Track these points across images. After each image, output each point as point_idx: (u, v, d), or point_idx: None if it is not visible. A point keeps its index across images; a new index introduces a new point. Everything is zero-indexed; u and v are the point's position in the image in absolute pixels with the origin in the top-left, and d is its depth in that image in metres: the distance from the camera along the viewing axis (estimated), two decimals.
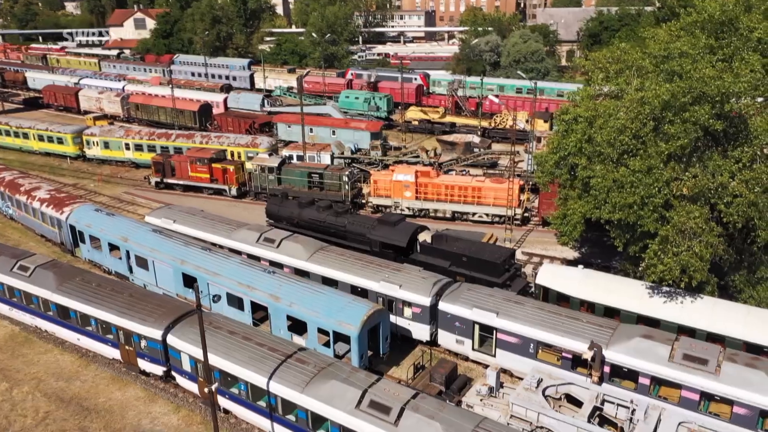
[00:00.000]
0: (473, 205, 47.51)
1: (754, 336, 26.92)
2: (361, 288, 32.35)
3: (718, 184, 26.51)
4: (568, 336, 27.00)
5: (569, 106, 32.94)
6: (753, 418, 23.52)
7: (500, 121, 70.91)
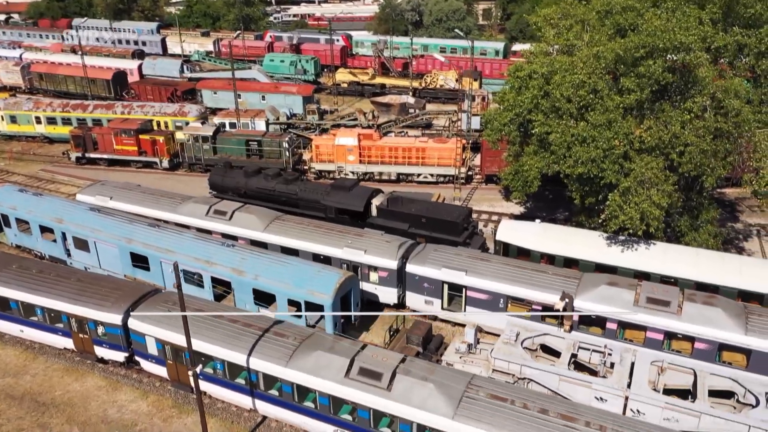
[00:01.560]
0: (418, 166, 47.45)
1: (704, 276, 28.71)
2: (324, 256, 31.69)
3: (671, 135, 27.65)
4: (538, 289, 27.71)
5: (523, 62, 33.13)
6: (712, 352, 25.24)
7: (431, 81, 70.87)
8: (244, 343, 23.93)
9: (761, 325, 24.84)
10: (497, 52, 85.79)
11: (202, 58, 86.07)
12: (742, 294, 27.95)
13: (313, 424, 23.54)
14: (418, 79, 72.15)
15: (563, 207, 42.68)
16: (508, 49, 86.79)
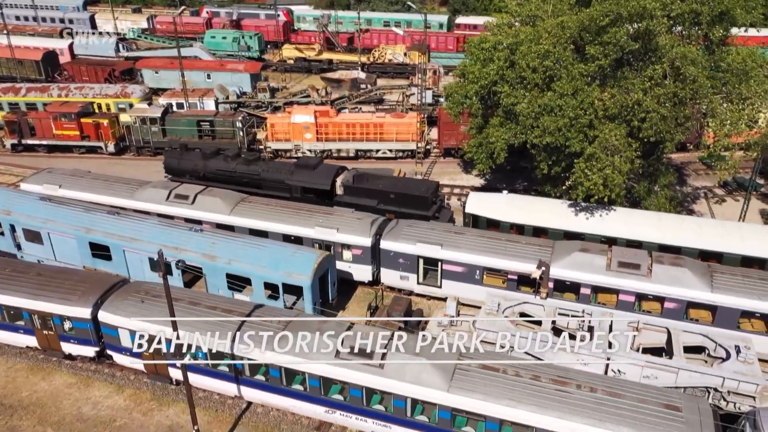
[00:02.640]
0: (376, 142, 47.09)
1: (666, 239, 29.87)
2: (295, 236, 31.12)
3: (634, 102, 28.38)
4: (514, 259, 28.16)
5: (486, 34, 33.15)
6: (681, 310, 26.42)
7: (379, 56, 70.20)
8: (226, 329, 23.25)
9: (725, 282, 26.13)
10: (441, 25, 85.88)
11: (137, 36, 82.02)
12: (702, 254, 29.27)
13: (303, 407, 23.29)
14: (365, 54, 71.25)
15: (522, 178, 43.46)
16: (452, 22, 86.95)
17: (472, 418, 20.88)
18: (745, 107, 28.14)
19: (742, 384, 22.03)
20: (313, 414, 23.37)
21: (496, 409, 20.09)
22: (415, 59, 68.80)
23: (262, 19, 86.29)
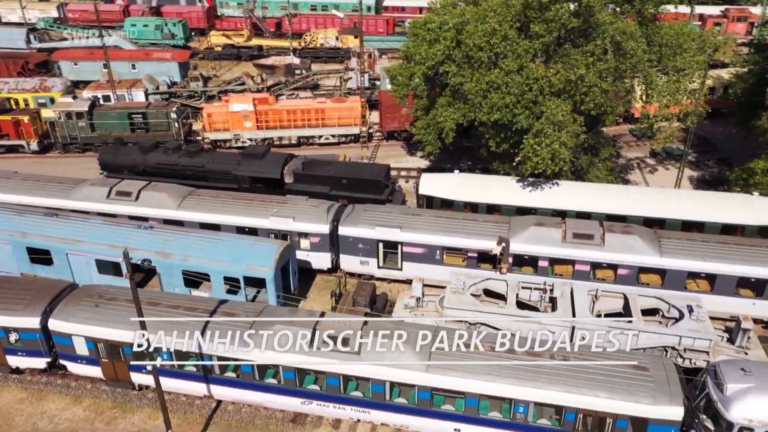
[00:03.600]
0: (319, 127, 46.43)
1: (613, 209, 31.09)
2: (249, 227, 30.31)
3: (577, 77, 29.19)
4: (473, 237, 28.54)
5: (431, 15, 33.13)
6: (633, 276, 27.65)
7: (310, 40, 69.02)
8: (192, 328, 22.38)
9: (671, 246, 27.53)
10: (369, 8, 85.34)
11: (49, 26, 76.85)
12: (646, 221, 30.66)
13: (278, 400, 22.85)
14: (296, 38, 69.84)
15: (466, 157, 44.04)
16: (379, 4, 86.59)
17: (452, 395, 21.13)
18: (680, 79, 29.52)
19: (697, 341, 23.40)
20: (289, 407, 22.97)
21: (475, 385, 20.42)
22: (348, 43, 68.21)
23: (183, 6, 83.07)
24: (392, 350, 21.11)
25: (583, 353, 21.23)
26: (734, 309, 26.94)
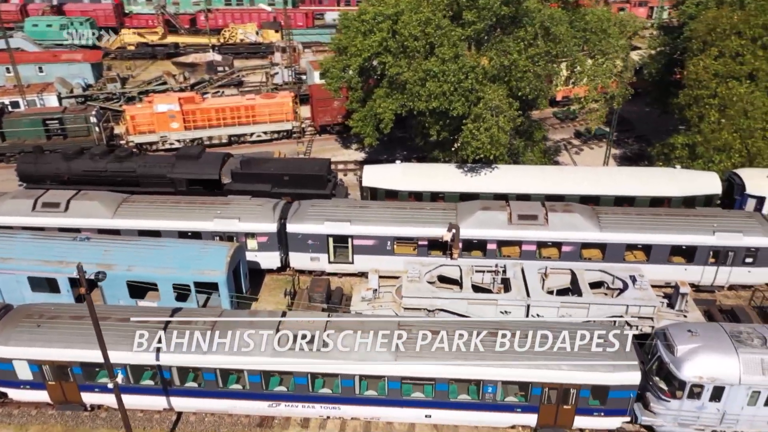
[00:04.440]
0: (249, 125, 45.35)
1: (550, 189, 32.27)
2: (192, 231, 29.25)
3: (511, 63, 30.01)
4: (423, 225, 28.83)
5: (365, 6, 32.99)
6: (576, 252, 28.86)
7: (229, 36, 67.17)
8: (147, 340, 21.39)
9: (609, 222, 28.90)
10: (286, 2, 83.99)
11: None
12: (582, 199, 31.99)
13: (243, 405, 22.28)
14: (214, 35, 67.75)
15: (401, 147, 44.36)
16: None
17: (421, 383, 21.34)
18: (605, 61, 30.96)
19: (642, 308, 24.73)
20: (255, 411, 22.45)
21: (444, 371, 20.70)
22: (269, 38, 66.94)
23: (88, 4, 78.58)
24: (360, 343, 21.03)
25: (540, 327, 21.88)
26: (669, 276, 28.72)
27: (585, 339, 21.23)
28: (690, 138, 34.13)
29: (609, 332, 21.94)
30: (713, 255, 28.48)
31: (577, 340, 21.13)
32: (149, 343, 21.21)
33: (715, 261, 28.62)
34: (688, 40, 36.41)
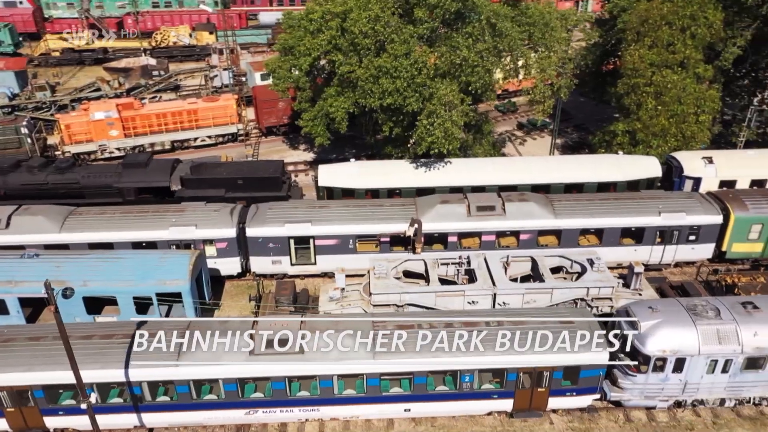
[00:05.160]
0: (193, 129, 44.17)
1: (504, 180, 33.03)
2: (148, 241, 28.26)
3: (461, 58, 30.53)
4: (385, 222, 28.94)
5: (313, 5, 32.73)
6: (533, 239, 29.71)
7: (161, 39, 65.09)
8: (114, 357, 20.56)
9: (563, 208, 29.89)
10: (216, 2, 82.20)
11: None
12: (533, 188, 32.96)
13: (220, 416, 21.75)
14: (145, 38, 65.47)
15: (350, 146, 44.33)
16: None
17: (400, 378, 21.46)
18: (550, 54, 31.97)
19: (602, 289, 25.77)
20: (232, 420, 21.97)
21: (423, 364, 20.89)
22: (203, 40, 65.34)
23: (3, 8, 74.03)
24: (336, 343, 20.93)
25: (513, 315, 22.49)
26: (620, 257, 30.05)
27: (556, 322, 21.95)
28: (630, 125, 35.74)
29: (577, 314, 22.80)
30: (660, 235, 29.96)
31: (549, 324, 21.82)
32: (116, 360, 20.39)
33: (661, 240, 30.12)
34: (621, 31, 38.10)
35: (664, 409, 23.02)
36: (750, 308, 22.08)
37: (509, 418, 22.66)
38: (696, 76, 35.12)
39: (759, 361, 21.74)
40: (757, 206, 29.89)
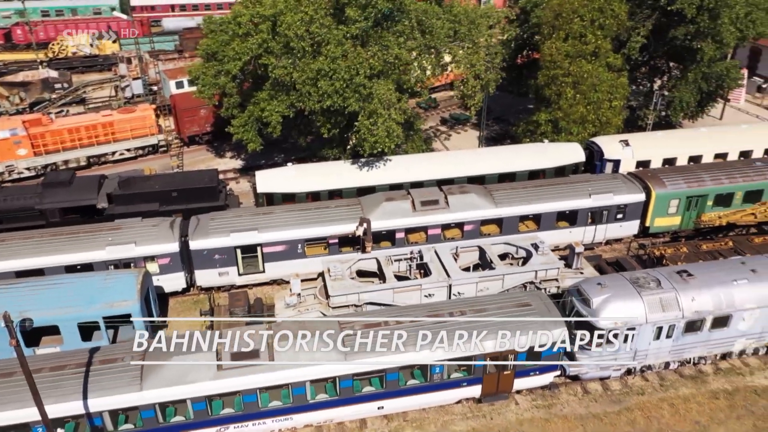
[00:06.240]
0: (110, 143, 41.87)
1: (440, 174, 33.77)
2: (83, 264, 26.61)
3: (395, 57, 30.90)
4: (333, 223, 28.79)
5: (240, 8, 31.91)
6: (477, 229, 30.60)
7: (59, 50, 61.16)
8: (69, 388, 19.25)
9: (502, 198, 30.94)
10: (113, 9, 78.34)
11: None
12: (470, 179, 33.95)
13: None
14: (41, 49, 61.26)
15: (277, 150, 43.64)
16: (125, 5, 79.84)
17: (372, 376, 21.48)
18: (477, 51, 32.98)
19: (549, 271, 27.01)
20: None
21: (394, 360, 21.03)
22: (105, 49, 62.04)
23: None
24: (306, 348, 20.64)
25: (473, 305, 23.11)
26: (557, 239, 31.49)
27: (515, 306, 22.80)
28: (552, 114, 37.54)
29: (533, 297, 23.74)
30: (591, 216, 31.75)
31: (509, 308, 22.63)
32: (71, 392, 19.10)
33: (593, 221, 31.92)
34: (536, 26, 39.96)
35: (617, 378, 24.48)
36: (685, 276, 23.90)
37: (477, 403, 23.26)
38: (607, 65, 37.43)
39: (696, 323, 23.59)
40: (673, 183, 32.34)
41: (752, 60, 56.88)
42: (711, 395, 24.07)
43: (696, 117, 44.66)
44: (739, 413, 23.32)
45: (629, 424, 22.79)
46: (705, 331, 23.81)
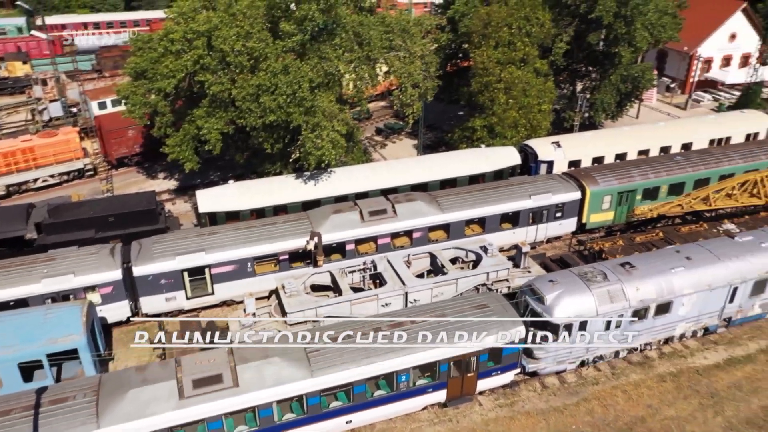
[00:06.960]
0: (32, 170, 39.55)
1: (384, 183, 33.88)
2: (16, 300, 24.93)
3: (334, 69, 30.88)
4: (282, 239, 28.33)
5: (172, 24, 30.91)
6: (425, 236, 30.93)
7: None
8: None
9: (447, 204, 31.40)
10: (20, 29, 74.23)
11: None
12: (413, 187, 34.26)
13: None
14: None
15: (212, 168, 42.61)
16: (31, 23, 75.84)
17: (339, 390, 21.24)
18: (413, 60, 33.46)
19: (500, 272, 27.69)
20: None
21: (361, 372, 20.89)
22: (16, 71, 58.62)
23: None
24: (271, 369, 20.22)
25: (433, 310, 23.31)
26: (501, 241, 32.28)
27: (473, 308, 23.19)
28: (487, 120, 38.61)
29: (489, 298, 24.24)
30: (532, 216, 32.82)
31: (468, 310, 23.00)
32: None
33: (534, 221, 33.01)
34: (465, 35, 41.05)
35: (572, 371, 25.35)
36: (628, 267, 25.12)
37: (443, 408, 23.45)
38: (535, 71, 38.95)
39: (641, 312, 24.81)
40: (605, 180, 33.96)
41: (660, 62, 60.85)
42: (659, 379, 25.35)
43: (616, 117, 47.22)
44: (685, 393, 24.68)
45: (588, 413, 23.63)
46: (649, 319, 25.07)
